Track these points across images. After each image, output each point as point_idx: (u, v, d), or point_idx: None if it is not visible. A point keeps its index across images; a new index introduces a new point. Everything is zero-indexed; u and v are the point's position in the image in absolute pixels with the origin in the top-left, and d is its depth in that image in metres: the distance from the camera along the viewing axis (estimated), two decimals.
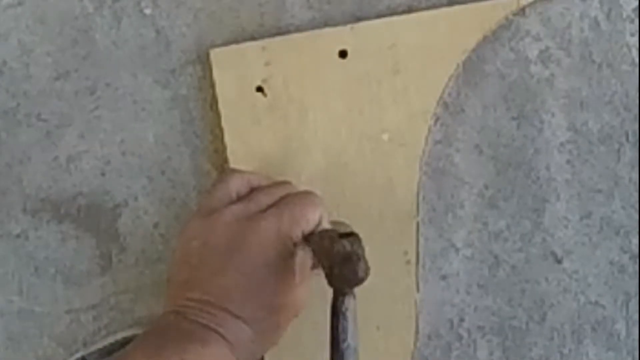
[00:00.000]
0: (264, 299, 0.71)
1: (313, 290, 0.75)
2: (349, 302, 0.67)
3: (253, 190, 0.76)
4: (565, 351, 0.81)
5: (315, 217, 0.74)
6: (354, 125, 0.80)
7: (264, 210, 0.73)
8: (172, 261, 0.76)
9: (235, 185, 0.75)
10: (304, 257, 0.74)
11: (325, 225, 0.75)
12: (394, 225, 0.80)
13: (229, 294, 0.70)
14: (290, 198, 0.74)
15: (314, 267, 0.76)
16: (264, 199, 0.74)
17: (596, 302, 0.81)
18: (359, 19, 0.81)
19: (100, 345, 0.83)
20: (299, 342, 0.80)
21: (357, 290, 0.79)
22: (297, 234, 0.72)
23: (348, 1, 0.82)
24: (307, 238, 0.74)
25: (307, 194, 0.75)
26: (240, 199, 0.75)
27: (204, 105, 0.84)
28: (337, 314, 0.67)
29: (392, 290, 0.80)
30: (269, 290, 0.71)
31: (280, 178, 0.79)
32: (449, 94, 0.81)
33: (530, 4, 0.81)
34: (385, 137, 0.80)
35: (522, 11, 0.81)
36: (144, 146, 0.84)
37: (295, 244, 0.72)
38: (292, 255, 0.72)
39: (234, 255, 0.71)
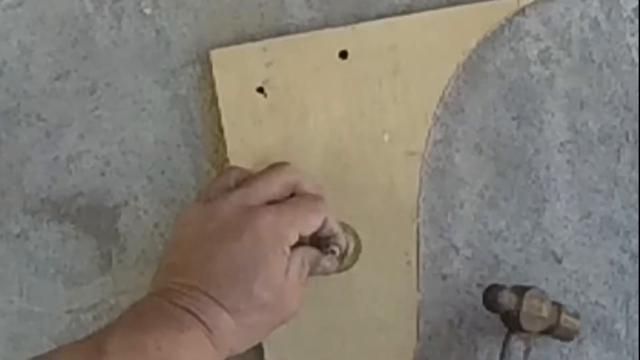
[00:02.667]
0: (249, 291, 0.70)
1: (311, 295, 0.75)
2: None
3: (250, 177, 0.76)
4: (565, 351, 0.81)
5: (316, 223, 0.74)
6: (354, 126, 0.80)
7: (264, 205, 0.73)
8: (165, 248, 0.75)
9: (236, 179, 0.75)
10: (300, 261, 0.74)
11: (332, 226, 0.74)
12: (394, 226, 0.80)
13: (215, 280, 0.70)
14: (295, 200, 0.74)
15: (311, 273, 0.75)
16: (262, 187, 0.73)
17: (596, 302, 0.81)
18: (359, 19, 0.81)
19: None
20: (302, 342, 0.80)
21: (357, 289, 0.79)
22: (294, 234, 0.72)
23: (348, 1, 0.82)
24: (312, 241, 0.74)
25: (313, 198, 0.75)
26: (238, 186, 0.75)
27: (204, 105, 0.84)
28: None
29: (392, 291, 0.80)
30: (256, 284, 0.70)
31: None
32: (449, 94, 0.81)
33: (530, 4, 0.80)
34: (385, 137, 0.80)
35: (522, 11, 0.81)
36: (144, 146, 0.84)
37: (290, 246, 0.72)
38: (285, 255, 0.72)
39: (226, 243, 0.71)
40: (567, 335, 0.78)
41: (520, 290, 0.78)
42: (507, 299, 0.77)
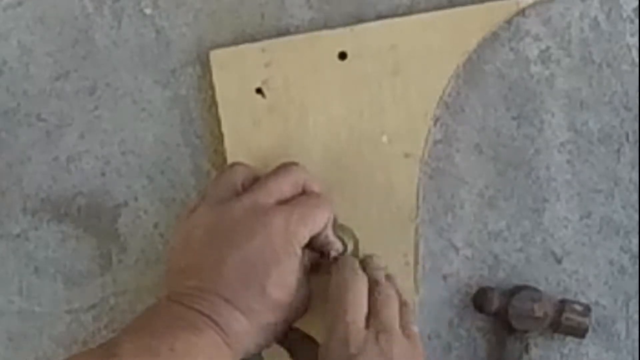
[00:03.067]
0: (262, 291, 0.70)
1: (314, 294, 0.75)
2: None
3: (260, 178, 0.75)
4: (565, 351, 0.81)
5: (323, 221, 0.74)
6: (353, 127, 0.80)
7: (275, 205, 0.73)
8: (171, 249, 0.75)
9: (241, 177, 0.75)
10: (307, 261, 0.74)
11: (328, 233, 0.75)
12: (393, 227, 0.79)
13: (227, 281, 0.70)
14: (302, 198, 0.74)
15: (313, 271, 0.76)
16: (274, 188, 0.73)
17: (596, 302, 0.81)
18: (358, 20, 0.81)
19: None
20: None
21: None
22: (304, 234, 0.72)
23: (348, 2, 0.82)
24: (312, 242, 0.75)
25: (318, 197, 0.75)
26: (246, 189, 0.74)
27: (203, 106, 0.84)
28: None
29: None
30: (268, 284, 0.70)
31: None
32: (449, 94, 0.81)
33: (530, 4, 0.80)
34: (384, 139, 0.80)
35: (522, 11, 0.81)
36: (144, 146, 0.84)
37: (300, 245, 0.72)
38: (295, 254, 0.72)
39: (238, 244, 0.71)
40: (574, 333, 0.78)
41: (511, 292, 0.79)
42: (495, 301, 0.78)
